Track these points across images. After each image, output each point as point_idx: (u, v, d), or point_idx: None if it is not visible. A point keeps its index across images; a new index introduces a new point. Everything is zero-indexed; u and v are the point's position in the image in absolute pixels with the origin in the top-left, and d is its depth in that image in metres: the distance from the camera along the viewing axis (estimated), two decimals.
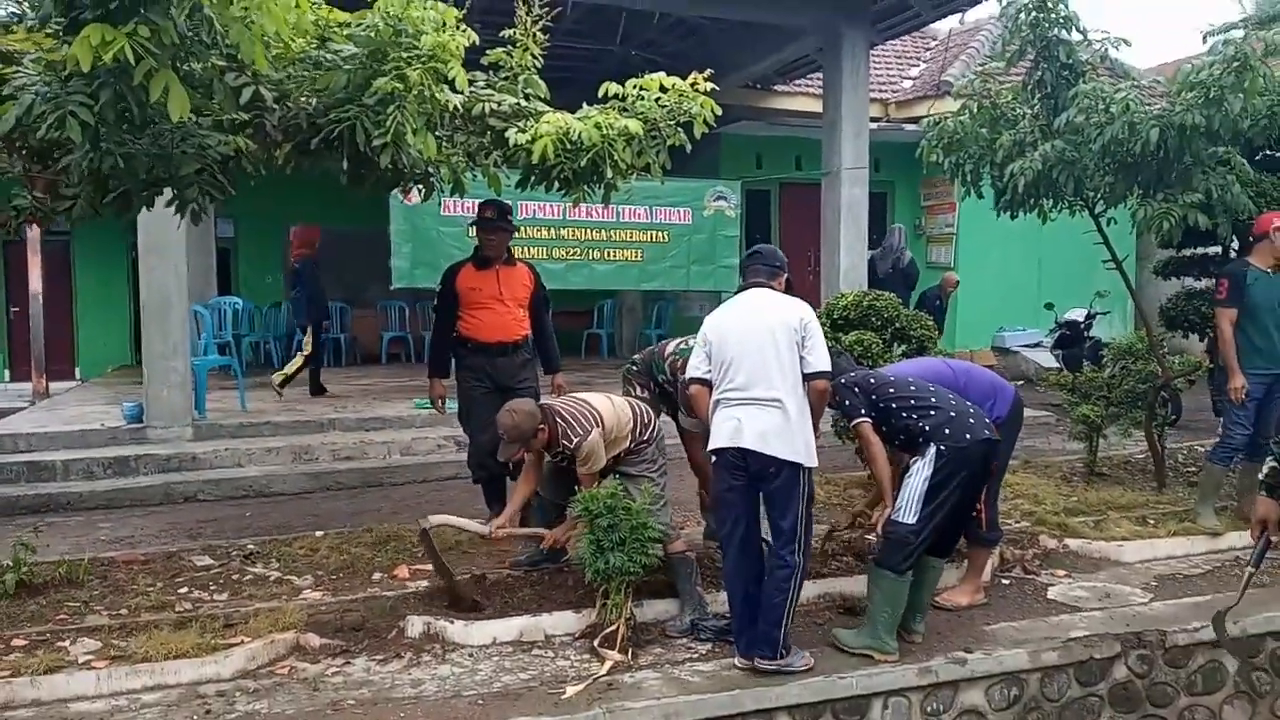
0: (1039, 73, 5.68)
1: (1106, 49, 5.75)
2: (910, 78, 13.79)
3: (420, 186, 4.79)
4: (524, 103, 4.43)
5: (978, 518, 4.45)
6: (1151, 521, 5.49)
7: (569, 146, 4.20)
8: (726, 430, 3.69)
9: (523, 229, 8.63)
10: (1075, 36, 5.62)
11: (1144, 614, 4.42)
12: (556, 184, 4.58)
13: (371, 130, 3.63)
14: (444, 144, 4.27)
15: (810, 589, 4.42)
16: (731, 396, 3.71)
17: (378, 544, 5.04)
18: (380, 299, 12.94)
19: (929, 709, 3.84)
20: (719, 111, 4.32)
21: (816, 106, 11.05)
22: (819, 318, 4.33)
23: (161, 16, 3.14)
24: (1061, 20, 5.57)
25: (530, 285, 5.26)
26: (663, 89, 4.35)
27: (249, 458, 7.10)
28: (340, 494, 6.81)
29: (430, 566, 4.43)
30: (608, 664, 3.82)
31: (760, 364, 3.67)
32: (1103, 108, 5.20)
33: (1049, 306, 10.78)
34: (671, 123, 4.31)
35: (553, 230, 8.37)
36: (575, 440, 4.13)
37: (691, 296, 12.60)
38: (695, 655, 3.97)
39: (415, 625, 4.11)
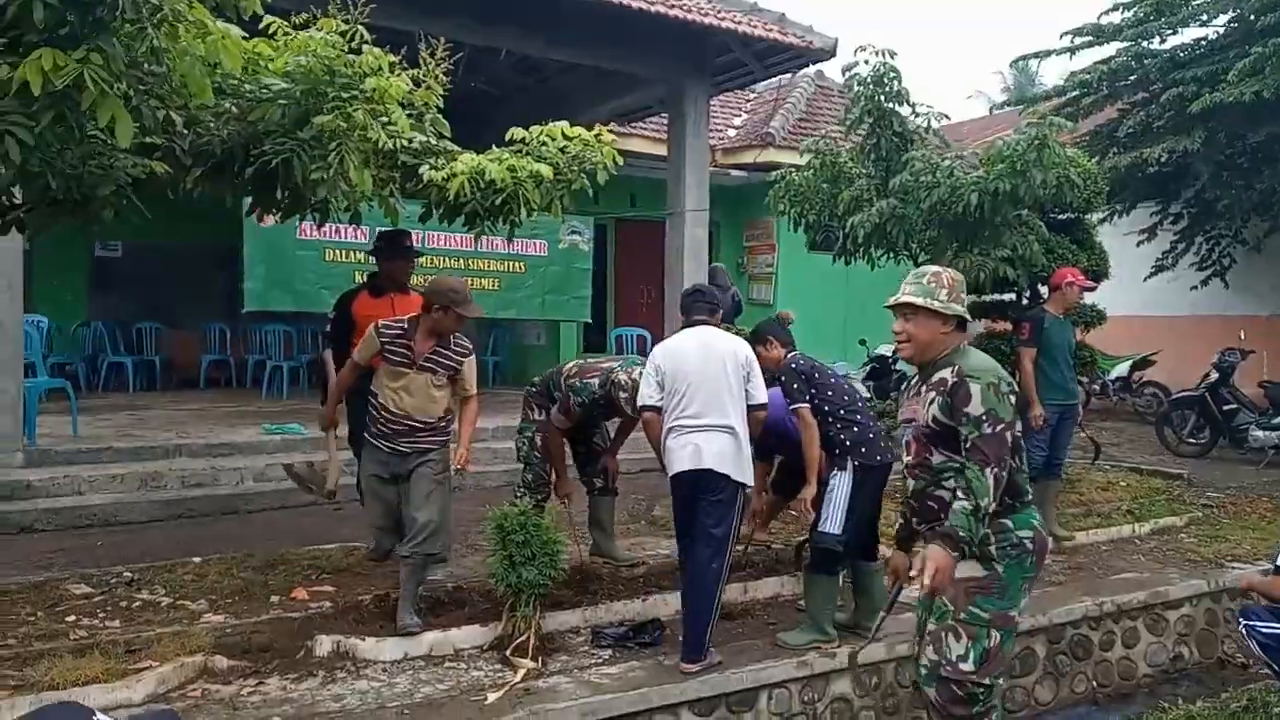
0: (875, 138, 6.46)
1: (930, 121, 6.62)
2: (735, 127, 14.78)
3: (316, 214, 4.91)
4: (433, 141, 4.66)
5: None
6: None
7: (482, 185, 4.46)
8: (686, 455, 4.08)
9: (430, 259, 8.70)
10: (905, 110, 6.45)
11: None
12: (462, 218, 4.81)
13: (309, 164, 3.77)
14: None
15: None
16: (686, 423, 4.10)
17: (265, 568, 5.04)
18: (199, 320, 12.43)
19: (806, 698, 4.34)
20: (620, 162, 4.73)
21: (651, 149, 11.73)
22: None
23: (109, 44, 3.21)
24: (894, 95, 6.38)
25: None
26: (565, 137, 4.70)
27: (91, 485, 6.75)
28: (195, 522, 6.62)
29: (329, 588, 4.54)
30: (521, 672, 4.07)
31: (715, 393, 4.09)
32: (930, 173, 6.02)
33: (863, 342, 11.88)
34: (575, 168, 4.66)
35: (462, 260, 8.48)
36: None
37: (528, 325, 12.91)
38: (600, 660, 4.29)
39: (324, 644, 4.20)
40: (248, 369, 12.17)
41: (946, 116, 6.45)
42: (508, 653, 4.18)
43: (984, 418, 2.85)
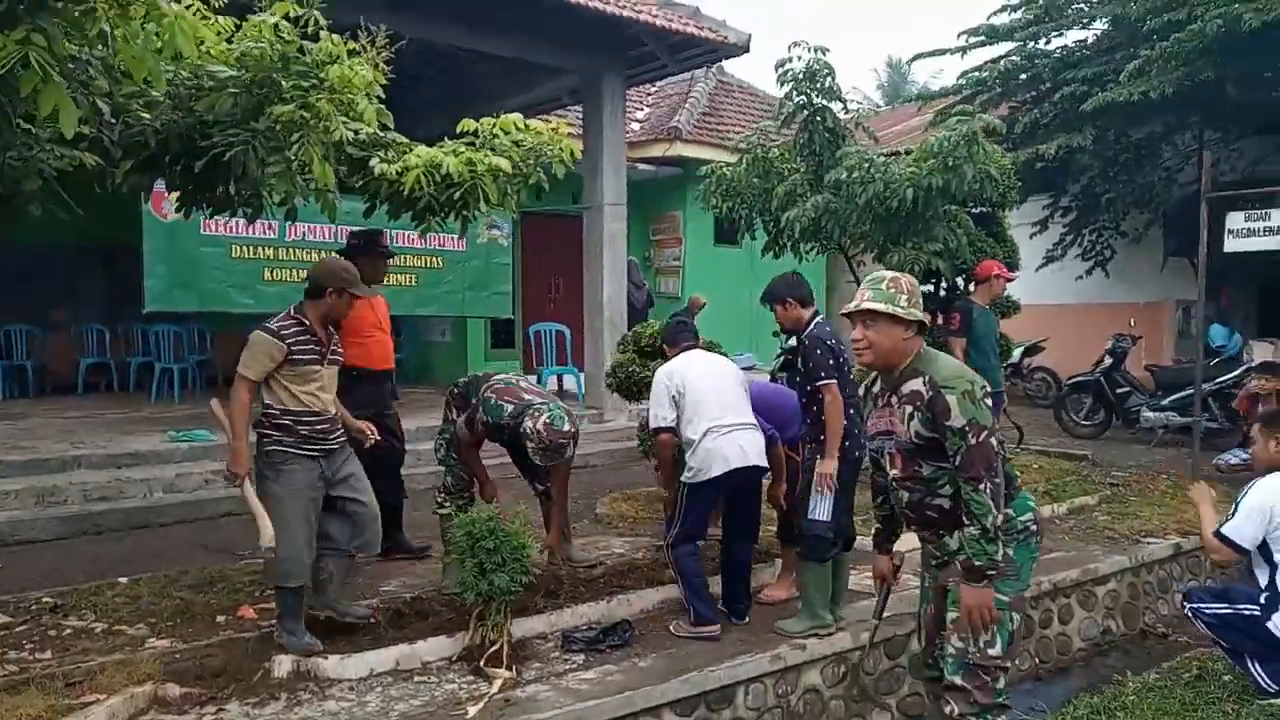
0: (808, 134, 6.53)
1: (859, 117, 6.75)
2: (639, 120, 14.77)
3: (247, 209, 4.63)
4: (380, 132, 4.45)
5: (795, 522, 5.09)
6: None
7: (438, 179, 4.29)
8: (735, 453, 4.33)
9: (292, 250, 8.31)
10: (837, 106, 6.55)
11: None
12: (410, 214, 4.62)
13: (265, 157, 3.53)
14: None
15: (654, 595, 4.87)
16: (724, 425, 4.35)
17: (203, 586, 4.74)
18: (72, 322, 11.64)
19: (780, 691, 4.35)
20: (579, 155, 4.62)
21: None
22: (626, 344, 6.07)
23: (49, 24, 2.92)
24: (826, 91, 6.47)
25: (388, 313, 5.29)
26: (521, 130, 4.56)
27: None
28: (104, 538, 6.18)
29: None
30: (498, 682, 3.94)
31: (734, 399, 4.48)
32: (865, 168, 6.13)
33: (776, 334, 12.02)
34: (532, 162, 4.53)
35: (323, 253, 8.07)
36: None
37: (434, 321, 12.58)
38: (574, 666, 4.19)
39: (283, 665, 3.96)
40: (130, 372, 11.50)
41: (876, 111, 6.55)
42: (481, 663, 4.04)
43: (967, 429, 2.85)
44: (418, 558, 5.53)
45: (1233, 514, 4.12)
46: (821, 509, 4.37)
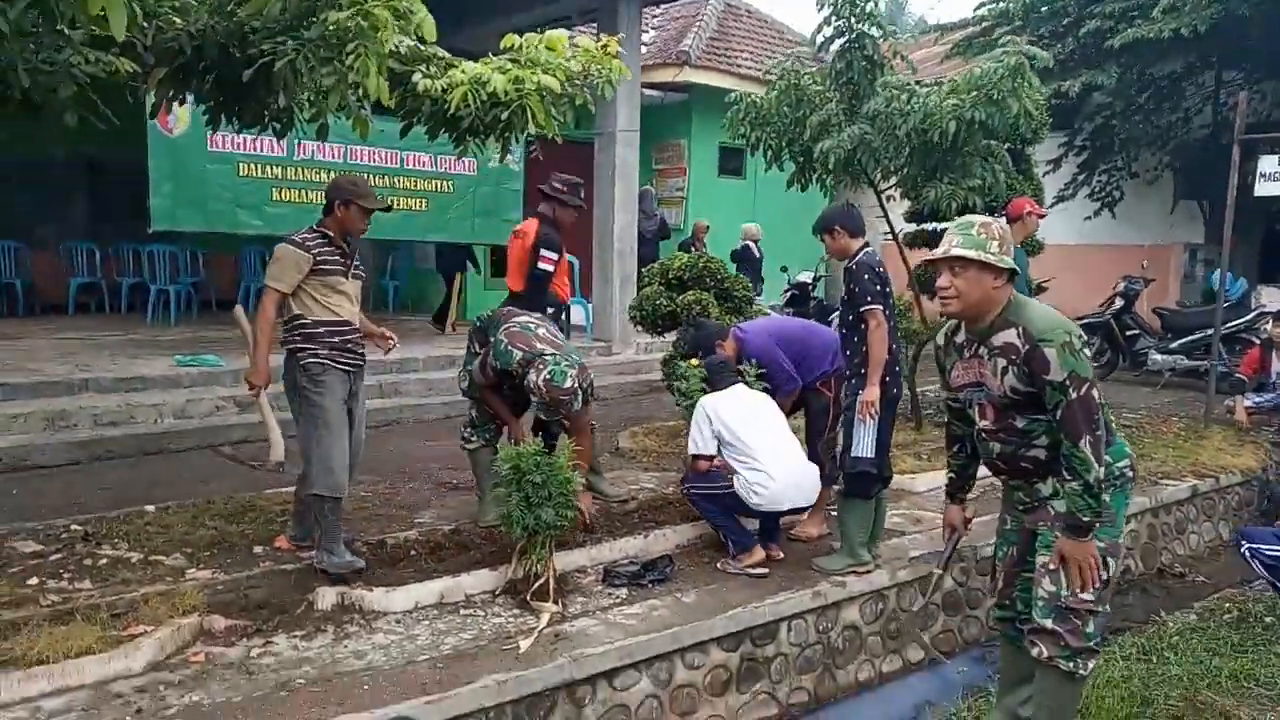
0: (845, 61, 6.31)
1: (897, 45, 6.53)
2: (645, 44, 14.33)
3: (276, 125, 4.42)
4: (421, 46, 4.23)
5: (822, 457, 5.05)
6: (925, 456, 6.46)
7: (484, 98, 4.09)
8: (786, 498, 4.49)
9: (300, 170, 8.05)
10: (876, 32, 6.32)
11: None
12: (450, 135, 4.43)
13: (318, 67, 3.33)
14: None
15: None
16: (775, 473, 4.43)
17: (234, 516, 4.65)
18: (62, 239, 11.30)
19: (820, 627, 4.36)
20: (629, 75, 4.42)
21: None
22: (653, 275, 6.21)
23: None
24: (866, 16, 6.24)
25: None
26: (570, 47, 4.35)
27: None
28: (117, 464, 6.06)
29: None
30: (545, 616, 3.90)
31: (782, 440, 4.59)
32: (905, 98, 5.95)
33: (784, 269, 11.93)
34: (579, 82, 4.33)
35: (333, 173, 7.82)
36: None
37: (427, 249, 12.34)
38: (618, 600, 4.16)
39: (327, 596, 3.90)
40: (121, 293, 11.25)
41: (913, 39, 6.33)
42: (527, 597, 4.00)
43: (1067, 382, 2.73)
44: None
45: None
46: (866, 444, 4.32)
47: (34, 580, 3.81)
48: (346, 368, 4.18)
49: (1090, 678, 3.03)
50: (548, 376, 4.26)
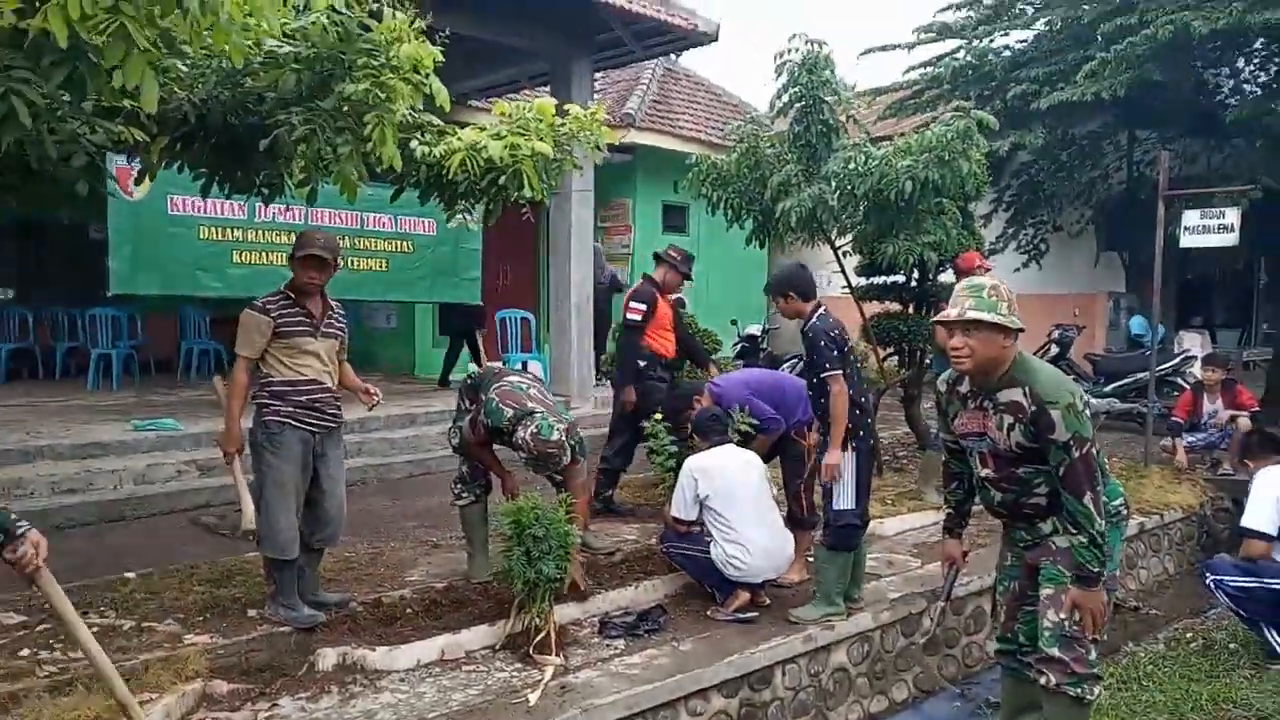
0: (804, 124, 6.63)
1: (848, 107, 6.88)
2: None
3: (264, 191, 4.47)
4: (413, 114, 4.35)
5: (802, 505, 5.21)
6: (889, 501, 6.67)
7: (480, 164, 4.23)
8: (760, 569, 4.62)
9: (260, 232, 8.04)
10: (832, 98, 6.66)
11: (925, 575, 5.43)
12: (441, 200, 4.55)
13: (334, 137, 3.43)
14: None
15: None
16: (755, 545, 4.56)
17: (220, 580, 4.59)
18: None
19: (812, 671, 4.47)
20: (616, 141, 4.60)
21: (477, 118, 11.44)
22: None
23: None
24: (823, 84, 6.58)
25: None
26: (559, 114, 4.51)
27: None
28: (79, 532, 5.89)
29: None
30: (549, 669, 3.95)
31: (764, 507, 4.71)
32: (863, 160, 6.27)
33: (734, 323, 12.20)
34: (567, 148, 4.50)
35: (293, 235, 7.81)
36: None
37: (376, 307, 12.31)
38: (617, 651, 4.22)
39: (328, 658, 3.89)
40: (56, 358, 10.96)
41: (865, 106, 6.69)
42: (530, 650, 4.04)
43: (1071, 443, 2.90)
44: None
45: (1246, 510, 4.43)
46: (847, 497, 4.48)
47: (26, 651, 3.72)
48: (311, 428, 4.18)
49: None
50: (535, 430, 4.32)
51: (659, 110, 14.30)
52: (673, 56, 15.10)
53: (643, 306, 6.23)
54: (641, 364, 6.20)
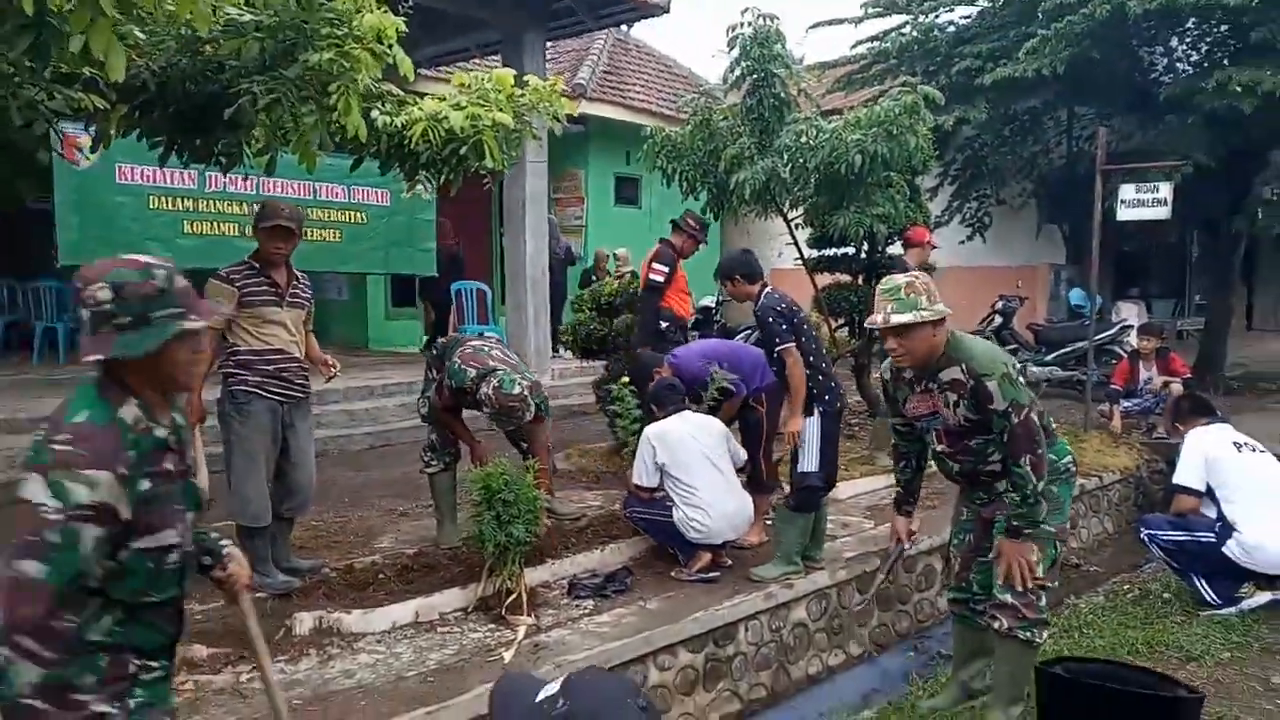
0: (756, 98, 6.73)
1: (799, 80, 7.00)
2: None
3: (222, 159, 4.45)
4: (373, 83, 4.36)
5: (761, 469, 5.38)
6: (843, 467, 6.86)
7: (442, 134, 4.26)
8: (720, 531, 4.74)
9: (211, 202, 7.94)
10: (784, 72, 6.77)
11: (878, 535, 5.64)
12: (404, 169, 4.57)
13: (299, 105, 3.45)
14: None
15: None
16: (713, 508, 4.69)
17: None
18: None
19: (773, 626, 4.65)
20: (575, 113, 4.66)
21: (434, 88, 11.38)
22: (583, 301, 6.61)
23: None
24: (775, 58, 6.68)
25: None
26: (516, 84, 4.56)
27: None
28: None
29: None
30: (522, 629, 4.07)
31: (724, 467, 4.83)
32: (815, 134, 6.41)
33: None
34: (527, 119, 4.55)
35: (245, 205, 7.76)
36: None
37: (328, 279, 12.20)
38: (586, 611, 4.35)
39: (305, 622, 3.97)
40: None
41: (815, 80, 6.81)
42: (502, 611, 4.16)
43: (1009, 410, 3.09)
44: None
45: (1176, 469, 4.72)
46: (811, 460, 4.65)
47: None
48: (278, 397, 4.24)
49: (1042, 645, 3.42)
50: (496, 384, 4.43)
51: (610, 81, 14.30)
52: (623, 27, 15.11)
53: (665, 269, 6.43)
54: (664, 324, 6.39)
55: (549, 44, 14.72)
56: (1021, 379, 3.24)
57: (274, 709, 2.55)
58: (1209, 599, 4.49)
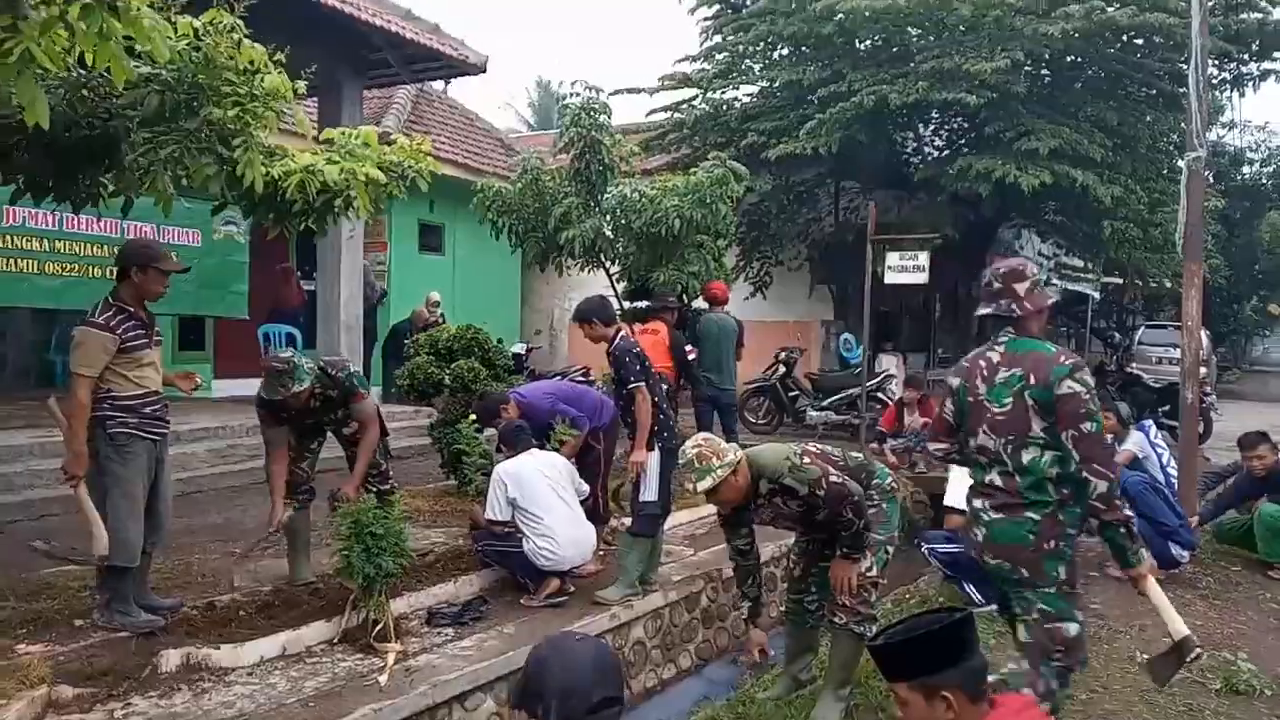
0: (584, 162, 7.34)
1: (620, 146, 7.69)
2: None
3: (73, 201, 4.47)
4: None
5: (600, 502, 5.86)
6: None
7: (316, 186, 4.50)
8: (569, 558, 5.11)
9: (11, 238, 7.50)
10: (608, 140, 7.42)
11: (699, 560, 6.25)
12: (274, 217, 4.74)
13: (199, 158, 3.63)
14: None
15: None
16: (561, 539, 5.06)
17: (33, 594, 4.48)
18: None
19: (616, 644, 5.09)
20: (438, 170, 5.03)
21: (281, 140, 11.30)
22: (421, 346, 6.88)
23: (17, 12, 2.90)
24: (599, 127, 7.33)
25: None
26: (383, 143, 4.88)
27: None
28: None
29: None
30: (391, 655, 4.28)
31: (571, 503, 5.23)
32: (637, 199, 7.08)
33: (499, 341, 12.63)
34: (396, 174, 4.87)
35: (47, 242, 7.37)
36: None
37: None
38: (448, 638, 4.61)
39: (172, 658, 3.98)
40: None
41: (635, 151, 7.52)
42: (370, 640, 4.34)
43: (814, 488, 3.72)
44: None
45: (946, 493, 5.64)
46: (652, 490, 5.18)
47: None
48: (154, 436, 4.31)
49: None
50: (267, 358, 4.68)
51: (415, 130, 14.39)
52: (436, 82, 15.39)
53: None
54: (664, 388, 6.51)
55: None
56: (805, 459, 3.82)
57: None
58: (976, 599, 5.38)
